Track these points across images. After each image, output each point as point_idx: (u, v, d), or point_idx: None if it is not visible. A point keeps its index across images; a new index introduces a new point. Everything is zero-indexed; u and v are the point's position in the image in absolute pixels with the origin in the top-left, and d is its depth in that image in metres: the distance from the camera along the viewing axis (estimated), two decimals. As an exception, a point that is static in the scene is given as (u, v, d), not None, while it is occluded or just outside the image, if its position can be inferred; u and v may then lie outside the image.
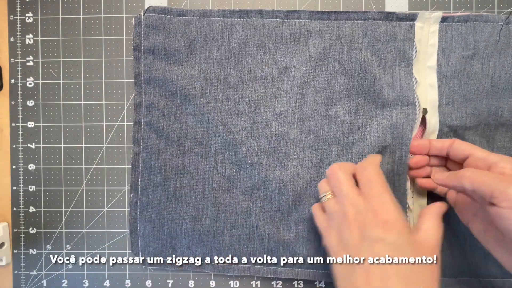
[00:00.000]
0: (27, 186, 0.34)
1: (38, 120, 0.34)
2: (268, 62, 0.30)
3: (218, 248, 0.31)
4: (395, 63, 0.30)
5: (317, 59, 0.30)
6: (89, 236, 0.34)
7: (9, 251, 0.34)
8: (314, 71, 0.30)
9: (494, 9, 0.32)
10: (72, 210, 0.34)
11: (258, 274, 0.32)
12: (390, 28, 0.30)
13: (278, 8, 0.33)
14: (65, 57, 0.34)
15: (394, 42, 0.30)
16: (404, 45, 0.30)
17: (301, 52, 0.30)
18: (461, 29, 0.30)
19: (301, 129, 0.30)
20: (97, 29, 0.34)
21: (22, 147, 0.34)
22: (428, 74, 0.30)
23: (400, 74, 0.30)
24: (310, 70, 0.30)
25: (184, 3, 0.33)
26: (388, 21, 0.30)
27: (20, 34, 0.34)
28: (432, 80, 0.30)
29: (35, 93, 0.34)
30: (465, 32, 0.30)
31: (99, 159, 0.34)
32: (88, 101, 0.34)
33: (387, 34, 0.30)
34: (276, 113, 0.30)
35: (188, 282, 0.34)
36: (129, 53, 0.34)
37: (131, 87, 0.34)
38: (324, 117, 0.30)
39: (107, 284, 0.34)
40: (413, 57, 0.30)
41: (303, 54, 0.30)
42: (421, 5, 0.33)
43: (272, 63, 0.30)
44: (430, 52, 0.30)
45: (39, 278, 0.34)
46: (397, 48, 0.30)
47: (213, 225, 0.31)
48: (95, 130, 0.34)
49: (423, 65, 0.30)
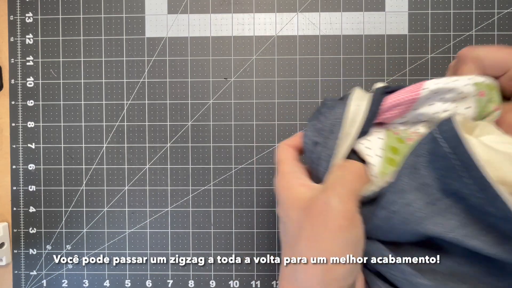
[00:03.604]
0: (27, 186, 0.34)
1: (38, 120, 0.34)
2: None
3: None
4: None
5: None
6: (89, 236, 0.34)
7: (9, 251, 0.34)
8: None
9: (494, 8, 0.32)
10: (72, 210, 0.34)
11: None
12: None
13: (277, 7, 0.33)
14: (65, 57, 0.34)
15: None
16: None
17: None
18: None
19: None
20: (97, 29, 0.34)
21: (22, 147, 0.34)
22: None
23: None
24: None
25: (184, 3, 0.34)
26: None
27: (20, 34, 0.34)
28: None
29: (35, 93, 0.34)
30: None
31: (99, 159, 0.34)
32: (88, 101, 0.34)
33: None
34: None
35: (188, 282, 0.34)
36: (129, 53, 0.34)
37: (131, 87, 0.34)
38: None
39: (107, 284, 0.34)
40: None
41: None
42: (421, 5, 0.33)
43: None
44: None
45: (39, 278, 0.34)
46: None
47: None
48: (95, 130, 0.34)
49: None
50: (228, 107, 0.34)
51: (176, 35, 0.34)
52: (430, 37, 0.33)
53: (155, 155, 0.34)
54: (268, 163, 0.34)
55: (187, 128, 0.34)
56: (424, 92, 0.18)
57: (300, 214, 0.17)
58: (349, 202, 0.17)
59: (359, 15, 0.33)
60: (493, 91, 0.19)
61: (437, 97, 0.19)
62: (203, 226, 0.34)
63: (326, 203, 0.16)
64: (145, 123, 0.34)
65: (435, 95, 0.19)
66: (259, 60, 0.34)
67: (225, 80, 0.34)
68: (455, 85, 0.18)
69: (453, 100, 0.19)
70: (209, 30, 0.34)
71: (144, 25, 0.34)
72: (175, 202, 0.34)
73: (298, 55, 0.33)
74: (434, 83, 0.18)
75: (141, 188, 0.34)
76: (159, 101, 0.34)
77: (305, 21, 0.34)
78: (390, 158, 0.18)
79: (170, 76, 0.34)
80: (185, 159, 0.34)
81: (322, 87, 0.33)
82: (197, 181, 0.34)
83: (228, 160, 0.34)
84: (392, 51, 0.33)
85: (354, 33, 0.33)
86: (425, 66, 0.33)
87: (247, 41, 0.34)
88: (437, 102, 0.19)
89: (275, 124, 0.34)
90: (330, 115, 0.19)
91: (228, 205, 0.34)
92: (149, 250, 0.34)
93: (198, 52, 0.34)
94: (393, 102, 0.19)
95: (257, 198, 0.34)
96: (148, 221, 0.34)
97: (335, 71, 0.33)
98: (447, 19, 0.33)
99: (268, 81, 0.34)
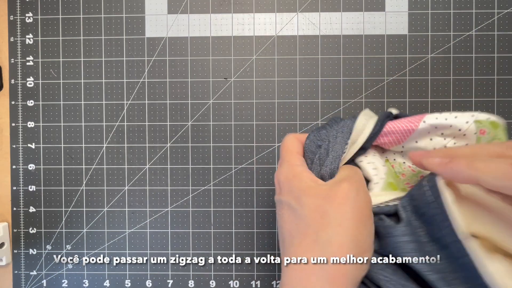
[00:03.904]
0: (27, 186, 0.34)
1: (38, 120, 0.34)
2: None
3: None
4: None
5: None
6: (89, 236, 0.34)
7: (9, 251, 0.34)
8: None
9: (494, 9, 0.32)
10: (72, 210, 0.34)
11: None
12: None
13: (277, 7, 0.33)
14: (65, 57, 0.34)
15: None
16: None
17: None
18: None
19: None
20: (97, 29, 0.34)
21: (22, 147, 0.34)
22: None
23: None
24: None
25: (184, 3, 0.34)
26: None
27: (20, 34, 0.34)
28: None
29: (35, 93, 0.34)
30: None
31: (99, 159, 0.34)
32: (88, 101, 0.34)
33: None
34: None
35: (188, 282, 0.34)
36: (129, 53, 0.34)
37: (131, 87, 0.34)
38: None
39: (107, 284, 0.34)
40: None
41: None
42: (421, 5, 0.33)
43: None
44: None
45: (39, 278, 0.34)
46: None
47: None
48: (95, 130, 0.34)
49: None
50: (228, 107, 0.34)
51: (176, 35, 0.34)
52: (430, 37, 0.33)
53: (155, 155, 0.34)
54: (268, 163, 0.34)
55: (187, 128, 0.34)
56: (423, 125, 0.18)
57: (320, 202, 0.17)
58: (368, 195, 0.18)
59: (359, 15, 0.33)
60: (497, 129, 0.18)
61: (438, 132, 0.19)
62: (203, 226, 0.34)
63: (353, 191, 0.17)
64: (145, 123, 0.34)
65: (435, 129, 0.19)
66: (259, 60, 0.34)
67: (225, 80, 0.34)
68: (454, 122, 0.18)
69: (453, 136, 0.19)
70: (209, 30, 0.34)
71: (144, 25, 0.34)
72: (175, 202, 0.34)
73: (298, 55, 0.33)
74: (434, 118, 0.18)
75: (141, 188, 0.34)
76: (159, 101, 0.34)
77: (305, 21, 0.34)
78: (391, 182, 0.20)
79: (170, 76, 0.34)
80: (185, 159, 0.34)
81: (322, 87, 0.33)
82: (197, 181, 0.34)
83: (228, 160, 0.34)
84: (392, 51, 0.33)
85: (354, 33, 0.33)
86: (425, 66, 0.33)
87: (247, 41, 0.34)
88: (438, 137, 0.19)
89: (275, 124, 0.34)
90: (336, 125, 0.20)
91: (228, 205, 0.34)
92: (149, 250, 0.34)
93: (198, 52, 0.34)
94: (391, 128, 0.19)
95: (257, 198, 0.34)
96: (148, 221, 0.34)
97: (335, 71, 0.33)
98: (447, 19, 0.33)
99: (268, 81, 0.34)
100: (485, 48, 0.33)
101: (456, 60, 0.33)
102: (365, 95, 0.33)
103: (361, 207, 0.17)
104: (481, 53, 0.33)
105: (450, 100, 0.33)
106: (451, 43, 0.33)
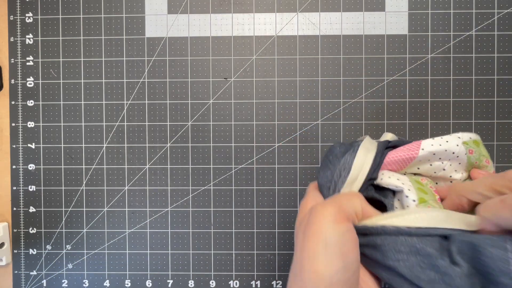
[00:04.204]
0: (27, 186, 0.34)
1: (38, 120, 0.34)
2: None
3: None
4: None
5: None
6: (89, 236, 0.34)
7: (9, 251, 0.34)
8: None
9: (494, 8, 0.32)
10: (72, 210, 0.34)
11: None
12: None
13: (277, 7, 0.33)
14: (65, 57, 0.34)
15: None
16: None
17: None
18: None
19: None
20: (97, 29, 0.34)
21: (22, 147, 0.34)
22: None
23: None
24: None
25: (184, 3, 0.34)
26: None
27: (20, 34, 0.34)
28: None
29: (35, 93, 0.34)
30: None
31: (99, 159, 0.34)
32: (88, 101, 0.34)
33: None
34: None
35: (188, 282, 0.34)
36: (129, 53, 0.34)
37: (131, 87, 0.34)
38: None
39: (107, 284, 0.34)
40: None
41: None
42: (421, 5, 0.33)
43: None
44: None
45: (39, 278, 0.34)
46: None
47: None
48: (95, 130, 0.34)
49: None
50: (228, 107, 0.34)
51: (176, 35, 0.34)
52: (430, 37, 0.33)
53: (155, 155, 0.34)
54: (268, 163, 0.34)
55: (187, 128, 0.34)
56: (422, 153, 0.20)
57: (299, 232, 0.18)
58: (340, 218, 0.16)
59: (359, 15, 0.33)
60: (480, 146, 0.21)
61: (436, 157, 0.21)
62: (203, 226, 0.34)
63: (315, 215, 0.17)
64: (145, 123, 0.34)
65: (434, 156, 0.21)
66: (259, 60, 0.34)
67: (225, 80, 0.34)
68: (448, 147, 0.20)
69: (449, 159, 0.21)
70: (209, 30, 0.34)
71: (144, 25, 0.34)
72: (175, 202, 0.34)
73: (298, 55, 0.33)
74: (430, 144, 0.20)
75: (141, 188, 0.34)
76: (159, 101, 0.34)
77: (305, 21, 0.34)
78: (420, 188, 0.20)
79: (170, 76, 0.34)
80: (185, 159, 0.34)
81: (322, 87, 0.33)
82: (197, 181, 0.34)
83: (228, 160, 0.34)
84: (392, 51, 0.33)
85: (354, 33, 0.33)
86: (425, 66, 0.33)
87: (247, 41, 0.34)
88: (436, 161, 0.21)
89: (275, 124, 0.34)
90: (338, 163, 0.21)
91: (228, 205, 0.34)
92: (149, 250, 0.34)
93: (198, 52, 0.34)
94: (394, 158, 0.21)
95: (257, 198, 0.34)
96: (148, 221, 0.34)
97: (335, 71, 0.33)
98: (447, 19, 0.33)
99: (268, 81, 0.34)
100: (485, 48, 0.33)
101: (456, 60, 0.33)
102: (365, 95, 0.33)
103: (323, 231, 0.16)
104: (481, 53, 0.33)
105: (450, 100, 0.33)
106: (451, 43, 0.33)
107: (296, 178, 0.34)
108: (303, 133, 0.34)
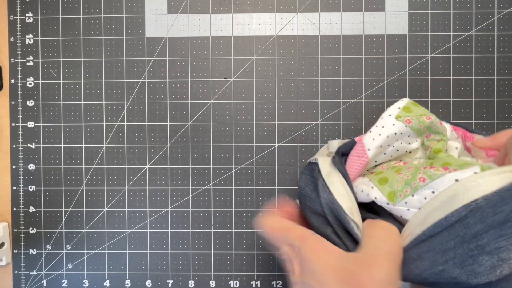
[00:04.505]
0: (27, 186, 0.34)
1: (38, 120, 0.34)
2: None
3: None
4: None
5: None
6: (89, 236, 0.34)
7: (9, 251, 0.34)
8: None
9: (494, 8, 0.32)
10: (72, 210, 0.34)
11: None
12: None
13: (277, 7, 0.33)
14: (65, 57, 0.34)
15: None
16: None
17: None
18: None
19: None
20: (97, 29, 0.34)
21: (22, 147, 0.34)
22: None
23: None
24: None
25: (184, 3, 0.34)
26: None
27: (20, 34, 0.34)
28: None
29: (35, 93, 0.34)
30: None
31: (99, 159, 0.34)
32: (88, 101, 0.34)
33: None
34: None
35: (188, 282, 0.34)
36: (129, 53, 0.34)
37: (131, 87, 0.34)
38: None
39: (107, 284, 0.34)
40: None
41: None
42: (421, 5, 0.33)
43: None
44: None
45: (39, 278, 0.34)
46: None
47: None
48: (95, 130, 0.34)
49: None
50: (228, 107, 0.34)
51: (176, 35, 0.34)
52: (430, 37, 0.33)
53: (155, 155, 0.34)
54: (268, 163, 0.34)
55: (187, 128, 0.34)
56: (371, 153, 0.20)
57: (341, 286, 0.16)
58: (395, 277, 0.16)
59: (359, 15, 0.33)
60: (412, 111, 0.21)
61: (385, 146, 0.21)
62: (203, 226, 0.34)
63: (374, 279, 0.15)
64: (145, 123, 0.34)
65: (381, 147, 0.21)
66: (259, 60, 0.34)
67: (225, 80, 0.34)
68: (389, 132, 0.20)
69: (396, 140, 0.21)
70: (209, 30, 0.34)
71: (144, 25, 0.34)
72: (175, 202, 0.34)
73: (298, 55, 0.33)
74: (371, 141, 0.20)
75: (141, 188, 0.34)
76: (159, 101, 0.34)
77: (305, 21, 0.34)
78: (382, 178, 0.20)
79: (170, 76, 0.34)
80: (185, 159, 0.34)
81: (322, 87, 0.33)
82: (197, 181, 0.34)
83: (228, 160, 0.34)
84: (392, 51, 0.33)
85: (354, 33, 0.33)
86: (425, 66, 0.33)
87: (247, 41, 0.34)
88: (387, 148, 0.21)
89: (275, 124, 0.34)
90: (318, 201, 0.20)
91: (228, 205, 0.34)
92: (149, 250, 0.34)
93: (198, 52, 0.34)
94: (354, 174, 0.21)
95: (257, 198, 0.34)
96: (148, 221, 0.34)
97: (335, 71, 0.33)
98: (447, 19, 0.33)
99: (268, 81, 0.34)
100: (485, 48, 0.33)
101: (456, 60, 0.33)
102: (365, 95, 0.33)
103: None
104: (481, 53, 0.33)
105: (450, 100, 0.33)
106: (451, 43, 0.33)
107: (296, 178, 0.34)
108: (303, 133, 0.34)
